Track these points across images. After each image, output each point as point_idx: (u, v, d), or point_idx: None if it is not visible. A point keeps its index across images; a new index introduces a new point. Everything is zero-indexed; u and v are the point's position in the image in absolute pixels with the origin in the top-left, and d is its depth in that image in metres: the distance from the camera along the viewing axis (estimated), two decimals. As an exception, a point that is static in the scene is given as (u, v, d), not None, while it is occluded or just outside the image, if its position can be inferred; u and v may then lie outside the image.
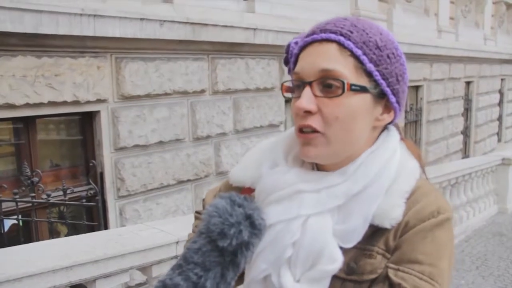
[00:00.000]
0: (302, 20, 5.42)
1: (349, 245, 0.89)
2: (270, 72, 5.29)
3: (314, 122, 0.89)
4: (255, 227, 0.86)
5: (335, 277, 0.90)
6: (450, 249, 0.90)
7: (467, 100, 11.14)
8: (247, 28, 4.73)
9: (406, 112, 8.34)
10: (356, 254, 0.90)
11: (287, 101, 5.75)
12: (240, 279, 1.00)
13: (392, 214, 0.88)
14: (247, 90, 5.03)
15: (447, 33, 9.73)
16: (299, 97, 0.91)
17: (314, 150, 0.90)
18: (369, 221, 0.89)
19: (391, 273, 0.86)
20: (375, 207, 0.89)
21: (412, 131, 8.79)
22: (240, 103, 4.96)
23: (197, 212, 1.26)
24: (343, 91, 0.87)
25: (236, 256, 0.86)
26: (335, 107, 0.88)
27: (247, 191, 1.04)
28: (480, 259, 5.66)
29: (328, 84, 0.88)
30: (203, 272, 0.84)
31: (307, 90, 0.89)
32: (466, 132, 11.26)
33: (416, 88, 8.83)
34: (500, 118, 13.50)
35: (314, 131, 0.89)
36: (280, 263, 0.91)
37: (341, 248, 0.89)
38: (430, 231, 0.87)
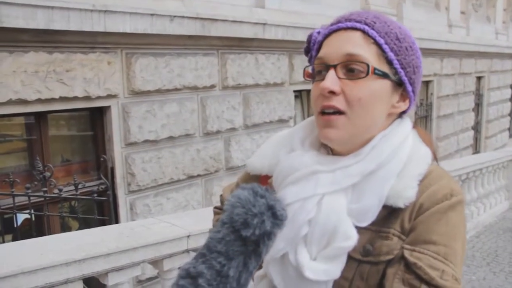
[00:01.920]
0: (312, 15, 5.40)
1: (363, 224, 0.93)
2: (280, 67, 5.28)
3: (337, 102, 0.93)
4: (277, 217, 0.87)
5: (351, 259, 0.93)
6: (463, 230, 0.93)
7: (478, 95, 11.05)
8: (256, 23, 4.73)
9: (416, 107, 8.29)
10: (372, 236, 0.93)
11: (297, 96, 5.75)
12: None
13: (405, 194, 0.91)
14: (256, 85, 5.03)
15: (458, 28, 9.64)
16: (319, 80, 0.96)
17: (335, 132, 0.94)
18: (383, 202, 0.92)
19: (406, 253, 0.89)
20: (388, 188, 0.92)
21: (422, 126, 8.72)
22: (249, 98, 4.96)
23: (216, 207, 1.28)
24: (367, 74, 0.92)
25: (258, 245, 0.87)
26: (358, 89, 0.92)
27: (265, 178, 1.07)
28: (491, 255, 5.62)
29: (351, 68, 0.93)
30: (226, 261, 0.86)
31: (331, 72, 0.93)
32: (476, 128, 11.17)
33: (427, 83, 8.77)
34: (511, 114, 13.37)
35: (337, 112, 0.93)
36: (297, 241, 0.94)
37: (357, 229, 0.92)
38: (444, 213, 0.91)
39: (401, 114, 1.03)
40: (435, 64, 8.68)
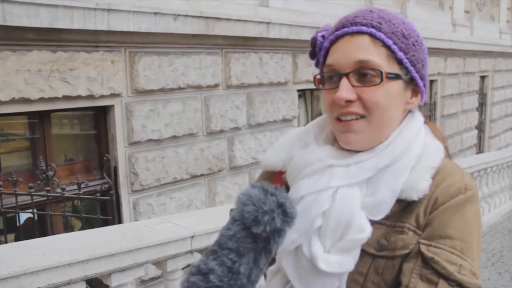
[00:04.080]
0: (316, 14, 5.38)
1: (377, 217, 0.93)
2: (284, 67, 5.26)
3: (356, 108, 0.94)
4: (287, 215, 0.89)
5: (365, 253, 0.93)
6: (478, 224, 0.94)
7: (482, 95, 11.01)
8: (260, 22, 4.70)
9: (419, 107, 8.25)
10: (387, 231, 0.93)
11: (301, 95, 5.73)
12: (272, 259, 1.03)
13: (419, 187, 0.92)
14: (260, 84, 5.01)
15: (462, 27, 9.60)
16: (332, 88, 0.96)
17: (355, 136, 0.95)
18: (397, 195, 0.93)
19: (423, 248, 0.89)
20: (402, 182, 0.93)
21: (426, 126, 8.69)
22: (253, 98, 4.94)
23: (232, 210, 1.28)
24: (382, 80, 0.92)
25: (268, 242, 0.88)
26: (374, 94, 0.93)
27: (279, 174, 1.09)
28: (495, 256, 5.59)
29: (364, 73, 0.93)
30: (237, 258, 0.87)
31: (344, 81, 0.94)
32: (480, 127, 11.13)
33: (431, 82, 8.73)
34: (515, 113, 13.32)
35: (357, 116, 0.94)
36: (311, 233, 0.94)
37: (371, 223, 0.92)
38: (459, 207, 0.91)
39: (411, 109, 1.04)
40: (439, 64, 8.64)
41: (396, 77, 0.95)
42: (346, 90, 0.92)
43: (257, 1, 5.00)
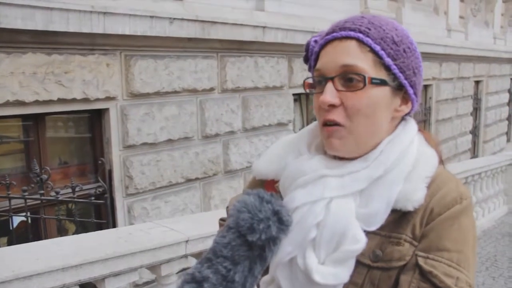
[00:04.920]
0: (312, 18, 5.39)
1: (372, 228, 0.92)
2: (279, 71, 5.26)
3: (337, 115, 0.93)
4: (282, 223, 0.89)
5: (360, 264, 0.92)
6: (473, 233, 0.94)
7: (476, 100, 11.06)
8: (256, 26, 4.71)
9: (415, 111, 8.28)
10: (382, 242, 0.93)
11: (296, 100, 5.73)
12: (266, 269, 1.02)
13: (414, 197, 0.91)
14: (256, 88, 5.01)
15: (456, 32, 9.65)
16: (321, 92, 0.95)
17: (338, 142, 0.95)
18: (391, 206, 0.92)
19: (421, 261, 0.89)
20: (396, 192, 0.92)
21: (420, 130, 8.72)
22: (249, 102, 4.94)
23: (221, 219, 1.27)
24: (365, 85, 0.91)
25: (264, 250, 0.88)
26: (357, 100, 0.92)
27: (271, 183, 1.07)
28: (490, 260, 5.61)
29: (349, 78, 0.93)
30: (232, 266, 0.86)
31: (329, 85, 0.94)
32: (475, 132, 11.18)
33: (425, 87, 8.77)
34: (509, 118, 13.41)
35: (337, 124, 0.94)
36: (305, 244, 0.93)
37: (365, 233, 0.91)
38: (456, 218, 0.91)
39: (405, 116, 1.02)
40: (434, 68, 8.68)
41: (382, 83, 0.93)
42: (330, 94, 0.92)
43: (253, 6, 5.00)
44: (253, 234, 0.86)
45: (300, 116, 6.01)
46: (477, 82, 10.98)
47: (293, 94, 5.56)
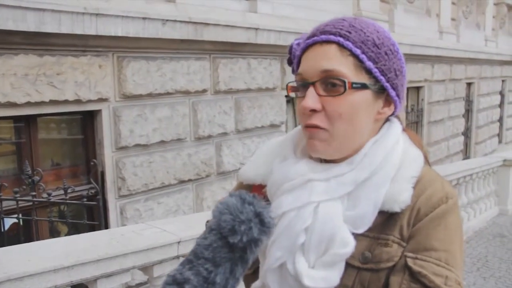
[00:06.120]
0: (304, 20, 5.41)
1: (360, 230, 0.93)
2: (272, 72, 5.28)
3: (318, 120, 0.94)
4: (264, 224, 0.88)
5: (350, 266, 0.93)
6: (460, 232, 0.95)
7: (468, 101, 11.13)
8: (249, 28, 4.72)
9: (407, 113, 8.33)
10: (370, 243, 0.93)
11: (289, 101, 5.75)
12: (255, 275, 1.03)
13: (400, 198, 0.92)
14: (248, 90, 5.02)
15: (448, 34, 9.72)
16: (303, 96, 0.95)
17: (319, 144, 0.95)
18: (379, 207, 0.93)
19: (410, 262, 0.90)
20: (383, 193, 0.93)
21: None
22: (241, 103, 4.95)
23: (208, 221, 1.27)
24: (345, 90, 0.91)
25: (245, 252, 0.87)
26: (338, 105, 0.92)
27: (258, 187, 1.07)
28: (481, 261, 5.64)
29: (330, 83, 0.93)
30: (214, 268, 0.86)
31: (311, 90, 0.94)
32: (467, 133, 11.25)
33: (417, 89, 8.82)
34: (501, 120, 13.49)
35: (319, 128, 0.94)
36: (294, 249, 0.93)
37: (354, 236, 0.92)
38: (442, 217, 0.92)
39: (389, 117, 1.03)
40: (426, 70, 8.73)
41: (363, 86, 0.93)
42: (311, 99, 0.93)
43: (246, 7, 5.02)
44: (235, 236, 0.86)
45: (293, 117, 6.02)
46: (469, 84, 11.06)
47: (286, 96, 5.58)
